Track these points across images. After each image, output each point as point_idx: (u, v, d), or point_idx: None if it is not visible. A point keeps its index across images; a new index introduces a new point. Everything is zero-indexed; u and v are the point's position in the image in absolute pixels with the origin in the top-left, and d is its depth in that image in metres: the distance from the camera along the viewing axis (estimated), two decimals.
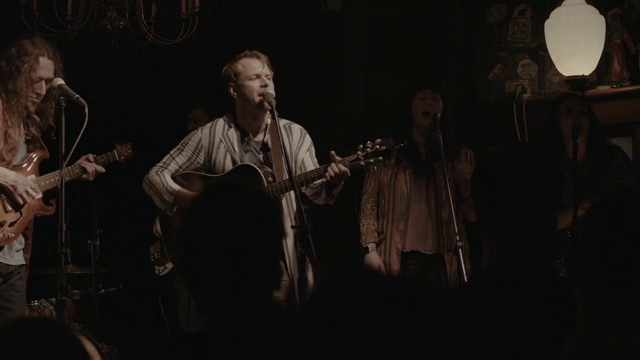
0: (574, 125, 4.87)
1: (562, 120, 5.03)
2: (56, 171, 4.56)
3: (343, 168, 4.31)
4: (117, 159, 4.82)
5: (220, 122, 4.61)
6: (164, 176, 4.57)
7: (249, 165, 4.49)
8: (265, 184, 4.38)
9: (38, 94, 4.47)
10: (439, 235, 5.04)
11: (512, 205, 2.30)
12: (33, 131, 4.55)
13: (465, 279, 4.39)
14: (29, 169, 4.56)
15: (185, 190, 4.52)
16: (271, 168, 4.51)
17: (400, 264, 5.06)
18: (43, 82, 4.47)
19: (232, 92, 4.54)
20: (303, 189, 4.50)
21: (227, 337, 1.91)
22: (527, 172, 2.34)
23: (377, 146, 4.41)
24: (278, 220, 2.06)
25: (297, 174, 4.44)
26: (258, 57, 4.53)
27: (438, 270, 5.05)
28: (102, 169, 4.67)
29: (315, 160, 4.63)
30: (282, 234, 2.10)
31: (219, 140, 4.57)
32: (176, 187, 4.54)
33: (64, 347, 1.53)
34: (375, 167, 4.56)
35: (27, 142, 4.59)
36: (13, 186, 4.41)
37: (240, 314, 1.93)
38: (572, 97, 5.20)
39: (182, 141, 4.67)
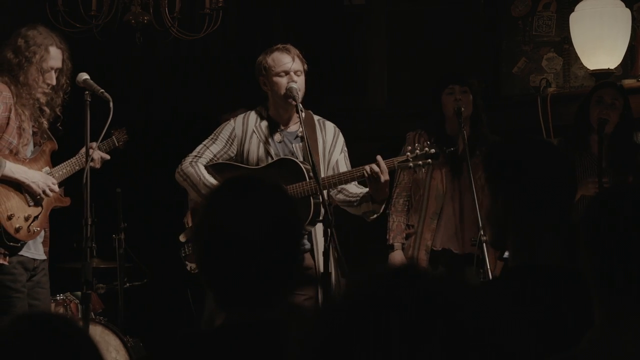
0: (599, 118, 4.82)
1: (592, 110, 4.94)
2: (67, 161, 4.58)
3: (383, 166, 4.29)
4: (117, 144, 4.84)
5: (253, 114, 4.63)
6: (199, 167, 4.54)
7: (291, 159, 4.49)
8: (307, 179, 4.38)
9: (49, 84, 4.43)
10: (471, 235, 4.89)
11: (530, 200, 2.28)
12: (43, 123, 4.49)
13: (490, 274, 4.37)
14: (41, 161, 4.54)
15: None
16: (305, 160, 4.51)
17: (428, 262, 5.00)
18: (53, 72, 4.44)
19: (262, 85, 4.57)
20: (336, 192, 4.49)
21: (244, 335, 1.90)
22: (545, 166, 2.32)
23: (427, 149, 4.41)
24: (297, 218, 2.04)
25: (330, 174, 4.46)
26: (288, 52, 4.53)
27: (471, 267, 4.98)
28: (107, 156, 4.67)
29: (349, 162, 4.63)
30: (302, 232, 2.08)
31: (251, 131, 4.57)
32: (213, 180, 4.52)
33: (74, 344, 1.52)
34: (424, 170, 4.53)
35: (33, 134, 4.53)
36: (36, 184, 4.41)
37: (258, 313, 1.92)
38: (606, 87, 5.07)
39: (214, 131, 4.65)
